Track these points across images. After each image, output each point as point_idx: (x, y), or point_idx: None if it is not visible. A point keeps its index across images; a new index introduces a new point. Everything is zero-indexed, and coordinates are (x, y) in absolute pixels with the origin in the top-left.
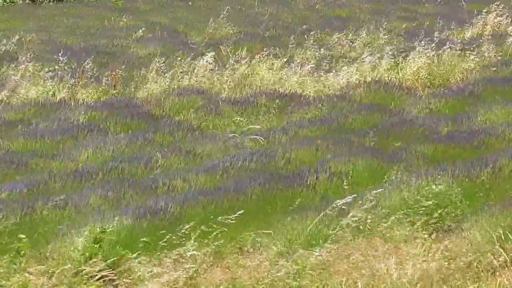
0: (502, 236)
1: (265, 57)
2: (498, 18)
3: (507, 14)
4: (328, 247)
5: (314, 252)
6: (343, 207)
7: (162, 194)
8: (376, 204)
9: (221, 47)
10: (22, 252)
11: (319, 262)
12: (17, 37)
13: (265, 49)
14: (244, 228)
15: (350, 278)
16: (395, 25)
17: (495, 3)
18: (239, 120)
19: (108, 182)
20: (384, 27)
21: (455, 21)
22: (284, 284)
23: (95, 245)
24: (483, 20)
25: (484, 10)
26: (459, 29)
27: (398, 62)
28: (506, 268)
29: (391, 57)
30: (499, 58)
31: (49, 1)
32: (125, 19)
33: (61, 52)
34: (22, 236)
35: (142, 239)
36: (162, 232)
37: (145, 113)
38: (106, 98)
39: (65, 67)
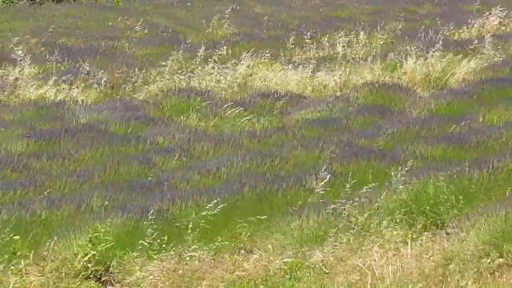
0: (501, 236)
1: (265, 58)
2: (498, 19)
3: (506, 15)
4: (327, 248)
5: (312, 254)
6: (342, 208)
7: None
8: (375, 205)
9: (220, 48)
10: (19, 253)
11: (316, 263)
12: (16, 38)
13: (264, 49)
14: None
15: (349, 279)
16: (394, 25)
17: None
18: (239, 121)
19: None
20: (384, 27)
21: (455, 21)
22: (281, 284)
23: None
24: (482, 20)
25: (484, 10)
26: (459, 29)
27: (397, 62)
28: (506, 269)
29: (390, 57)
30: (499, 58)
31: (49, 2)
32: (124, 20)
33: (61, 53)
34: (17, 237)
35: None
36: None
37: (144, 115)
38: (105, 99)
39: (64, 68)
